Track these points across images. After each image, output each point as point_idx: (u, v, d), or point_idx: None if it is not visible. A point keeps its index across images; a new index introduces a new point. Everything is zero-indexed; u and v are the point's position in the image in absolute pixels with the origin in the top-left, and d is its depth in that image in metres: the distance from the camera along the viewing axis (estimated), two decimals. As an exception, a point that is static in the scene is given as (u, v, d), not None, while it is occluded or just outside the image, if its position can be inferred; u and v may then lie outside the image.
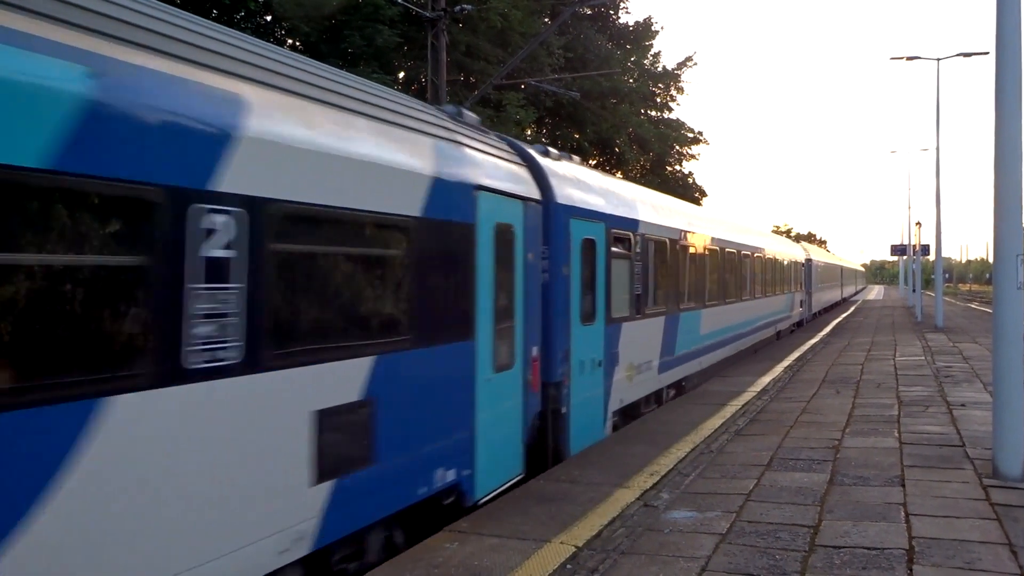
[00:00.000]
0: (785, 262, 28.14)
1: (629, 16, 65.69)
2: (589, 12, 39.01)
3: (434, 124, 7.21)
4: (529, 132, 33.07)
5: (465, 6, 20.74)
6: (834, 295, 54.10)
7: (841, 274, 60.67)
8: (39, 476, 3.68)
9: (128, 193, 4.10)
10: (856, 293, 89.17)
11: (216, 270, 4.55)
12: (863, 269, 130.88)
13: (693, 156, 46.76)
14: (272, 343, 4.94)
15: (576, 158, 11.86)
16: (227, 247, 4.62)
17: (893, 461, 8.96)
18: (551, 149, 10.56)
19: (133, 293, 4.17)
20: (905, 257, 61.20)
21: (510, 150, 8.96)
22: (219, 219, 4.55)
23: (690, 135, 45.43)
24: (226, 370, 4.60)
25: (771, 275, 25.01)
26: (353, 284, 5.82)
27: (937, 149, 33.73)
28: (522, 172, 8.80)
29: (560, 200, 9.32)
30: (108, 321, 4.04)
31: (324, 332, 5.47)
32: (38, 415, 3.69)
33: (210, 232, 4.50)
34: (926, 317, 37.74)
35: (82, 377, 3.90)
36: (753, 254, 21.93)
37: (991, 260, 8.71)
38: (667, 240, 13.74)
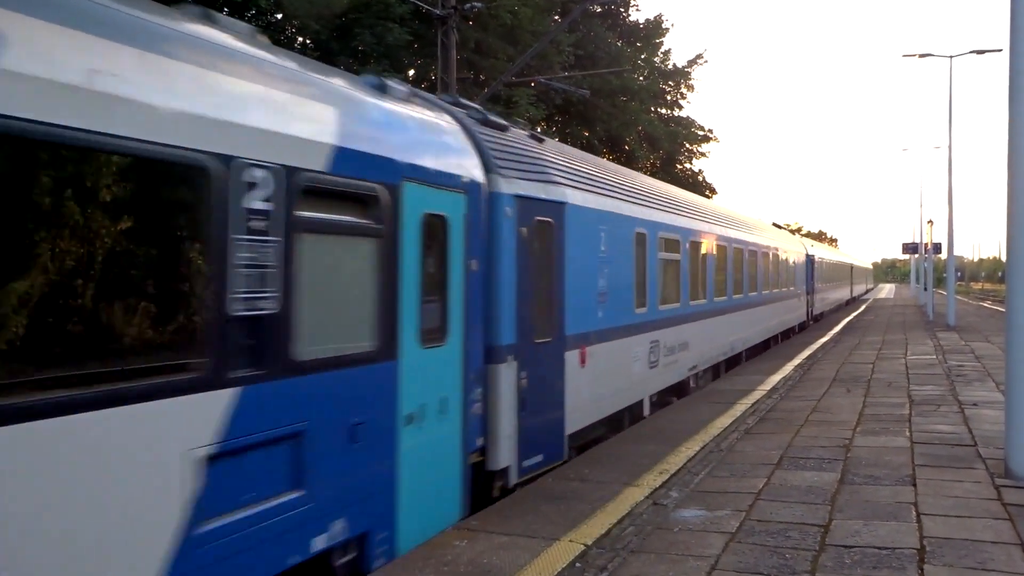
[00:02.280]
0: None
1: (639, 14, 65.33)
2: (599, 10, 38.94)
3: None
4: (539, 129, 33.05)
5: (475, 3, 20.73)
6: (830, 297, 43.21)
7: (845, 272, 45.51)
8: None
9: None
10: (857, 296, 68.35)
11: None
12: (870, 267, 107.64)
13: (703, 154, 46.70)
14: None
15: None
16: None
17: (904, 460, 8.92)
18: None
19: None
20: (917, 255, 60.91)
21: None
22: None
23: (700, 133, 45.33)
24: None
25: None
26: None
27: (949, 147, 33.53)
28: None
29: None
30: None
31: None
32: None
33: None
34: (938, 316, 37.53)
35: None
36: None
37: (1004, 259, 8.65)
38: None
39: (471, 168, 7.45)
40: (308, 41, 24.18)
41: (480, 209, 7.47)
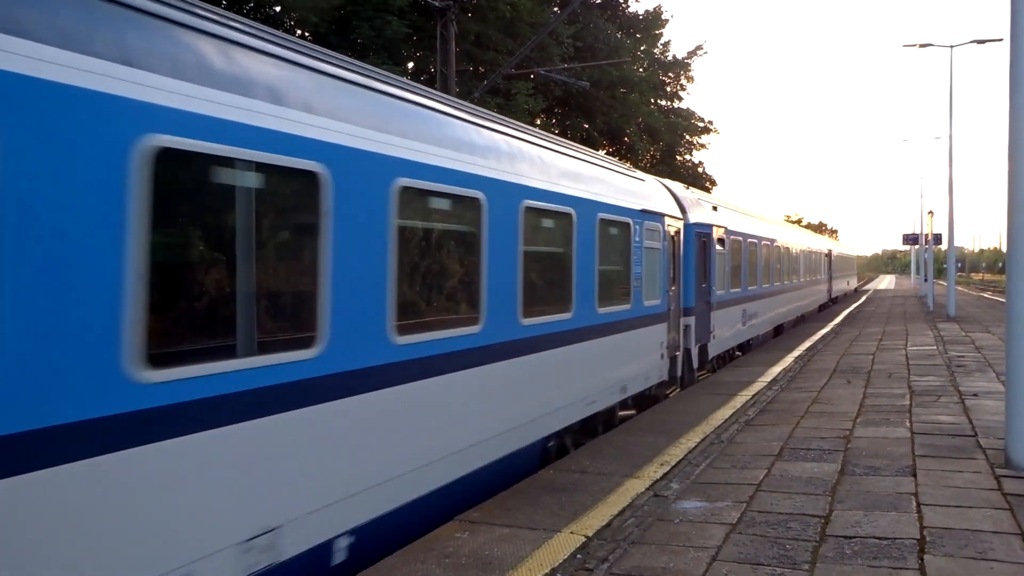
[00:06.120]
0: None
1: (639, 5, 65.41)
2: (598, 1, 38.82)
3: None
4: (538, 121, 32.99)
5: (474, -5, 20.65)
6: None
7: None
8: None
9: None
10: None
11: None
12: (852, 253, 71.40)
13: (703, 146, 46.59)
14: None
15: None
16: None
17: (904, 451, 8.93)
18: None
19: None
20: (917, 246, 60.86)
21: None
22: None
23: (700, 124, 45.23)
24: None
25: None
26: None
27: (950, 137, 33.47)
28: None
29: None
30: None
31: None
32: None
33: None
34: (938, 307, 37.52)
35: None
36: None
37: (1004, 249, 8.65)
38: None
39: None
40: (307, 34, 24.12)
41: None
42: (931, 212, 47.96)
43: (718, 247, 16.80)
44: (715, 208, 17.65)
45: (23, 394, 3.47)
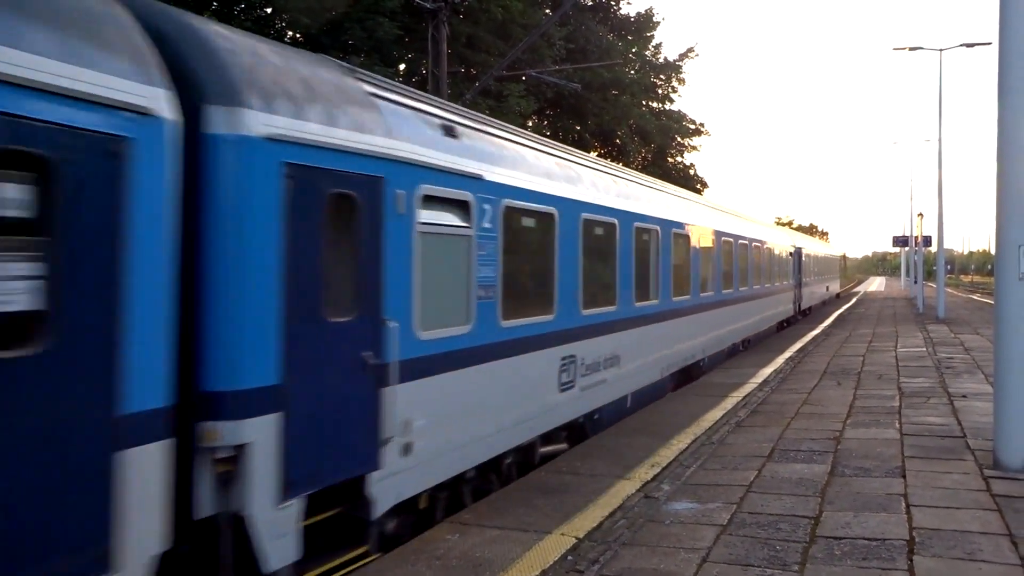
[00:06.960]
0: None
1: (630, 7, 65.23)
2: (590, 3, 38.90)
3: None
4: (530, 123, 33.04)
5: (465, -3, 20.66)
6: None
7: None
8: None
9: None
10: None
11: None
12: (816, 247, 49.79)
13: (694, 148, 46.72)
14: None
15: None
16: None
17: (894, 452, 8.97)
18: None
19: None
20: (907, 248, 61.14)
21: None
22: None
23: (691, 127, 45.35)
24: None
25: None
26: None
27: (939, 140, 33.63)
28: None
29: None
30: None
31: None
32: None
33: None
34: (928, 308, 37.69)
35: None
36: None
37: (993, 251, 8.70)
38: None
39: None
40: (298, 35, 24.08)
41: None
42: (921, 214, 48.25)
43: (439, 221, 7.02)
44: (451, 131, 7.40)
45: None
